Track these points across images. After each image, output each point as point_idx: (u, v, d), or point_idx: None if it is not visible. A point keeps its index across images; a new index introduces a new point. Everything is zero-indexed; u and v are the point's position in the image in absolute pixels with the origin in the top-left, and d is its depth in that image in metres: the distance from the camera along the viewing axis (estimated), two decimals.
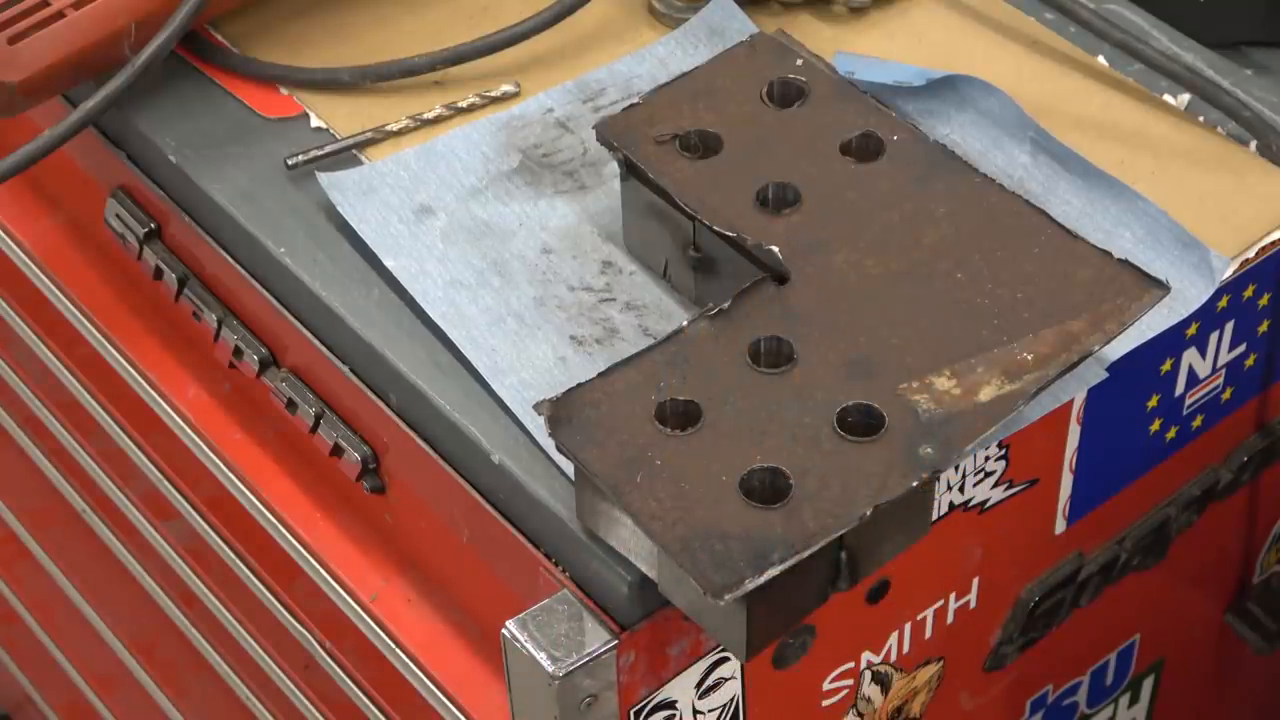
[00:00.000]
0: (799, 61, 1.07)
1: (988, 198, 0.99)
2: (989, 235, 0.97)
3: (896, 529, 0.88)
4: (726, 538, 0.83)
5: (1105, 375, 0.96)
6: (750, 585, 0.82)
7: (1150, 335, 0.98)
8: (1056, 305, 0.93)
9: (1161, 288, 0.94)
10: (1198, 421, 1.11)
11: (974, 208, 0.98)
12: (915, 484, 0.85)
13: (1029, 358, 0.91)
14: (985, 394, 0.89)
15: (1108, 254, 0.95)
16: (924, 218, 0.98)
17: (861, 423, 0.88)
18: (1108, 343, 0.92)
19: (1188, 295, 1.00)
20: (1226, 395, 1.11)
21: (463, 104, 1.12)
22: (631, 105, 1.05)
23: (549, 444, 0.92)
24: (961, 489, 1.00)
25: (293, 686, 1.21)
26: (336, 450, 1.07)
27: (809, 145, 1.02)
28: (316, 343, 1.05)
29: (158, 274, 1.16)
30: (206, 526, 1.20)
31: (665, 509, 0.85)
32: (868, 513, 0.84)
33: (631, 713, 0.93)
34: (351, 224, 1.05)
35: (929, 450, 0.86)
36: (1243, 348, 1.09)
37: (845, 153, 1.02)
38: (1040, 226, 0.97)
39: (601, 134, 1.03)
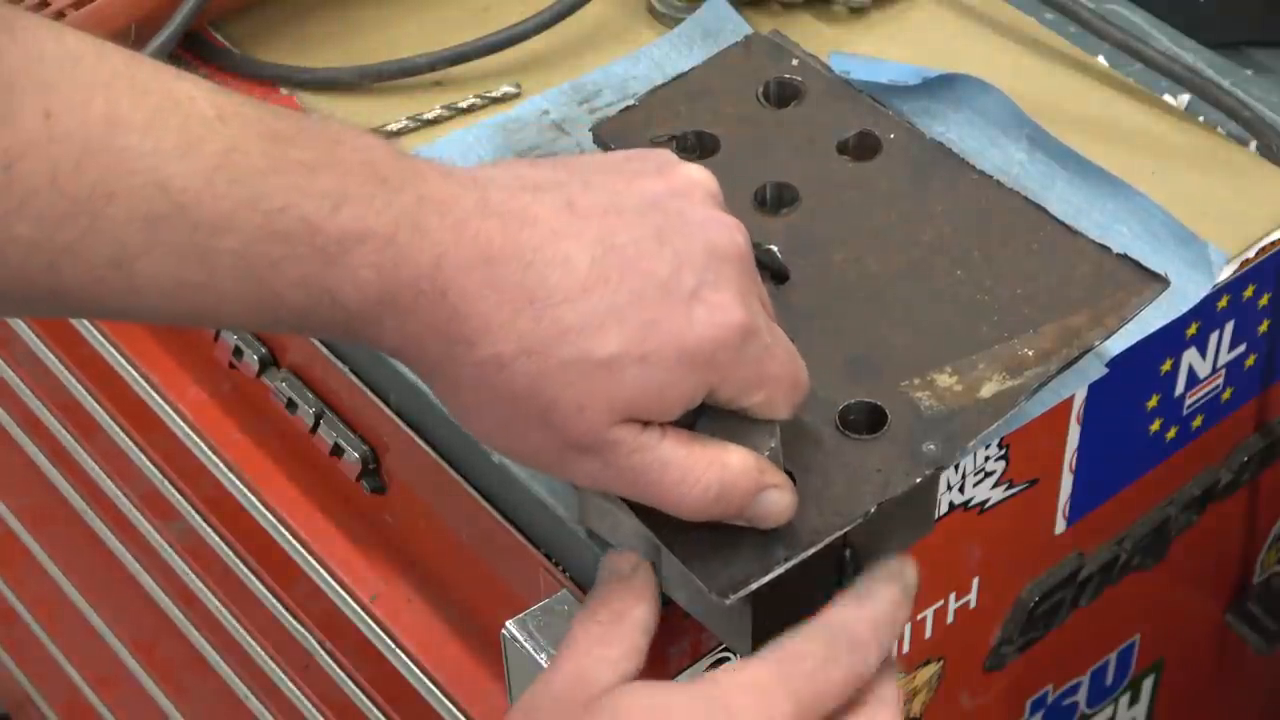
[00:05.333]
0: (794, 61, 1.07)
1: (986, 195, 0.99)
2: (988, 232, 0.97)
3: (900, 526, 0.87)
4: (731, 536, 0.83)
5: (1106, 371, 0.96)
6: (756, 584, 0.81)
7: (1150, 330, 0.98)
8: (1056, 301, 0.93)
9: (1161, 282, 0.94)
10: (1198, 421, 1.11)
11: (972, 205, 0.98)
12: (919, 480, 0.85)
13: (1030, 353, 0.91)
14: (987, 390, 0.89)
15: (1107, 249, 0.95)
16: (922, 215, 0.98)
17: (864, 420, 0.88)
18: (1108, 337, 0.92)
19: (1187, 290, 1.00)
20: (1226, 395, 1.11)
21: (463, 104, 1.12)
22: (628, 107, 1.05)
23: None
24: (961, 489, 0.99)
25: (293, 686, 1.20)
26: (336, 450, 1.07)
27: (806, 145, 1.02)
28: (316, 343, 1.05)
29: None
30: (206, 526, 1.20)
31: None
32: (872, 510, 0.84)
33: None
34: None
35: (932, 446, 0.86)
36: (1243, 348, 1.09)
37: (842, 152, 1.02)
38: (1039, 223, 0.97)
39: (598, 136, 1.03)
